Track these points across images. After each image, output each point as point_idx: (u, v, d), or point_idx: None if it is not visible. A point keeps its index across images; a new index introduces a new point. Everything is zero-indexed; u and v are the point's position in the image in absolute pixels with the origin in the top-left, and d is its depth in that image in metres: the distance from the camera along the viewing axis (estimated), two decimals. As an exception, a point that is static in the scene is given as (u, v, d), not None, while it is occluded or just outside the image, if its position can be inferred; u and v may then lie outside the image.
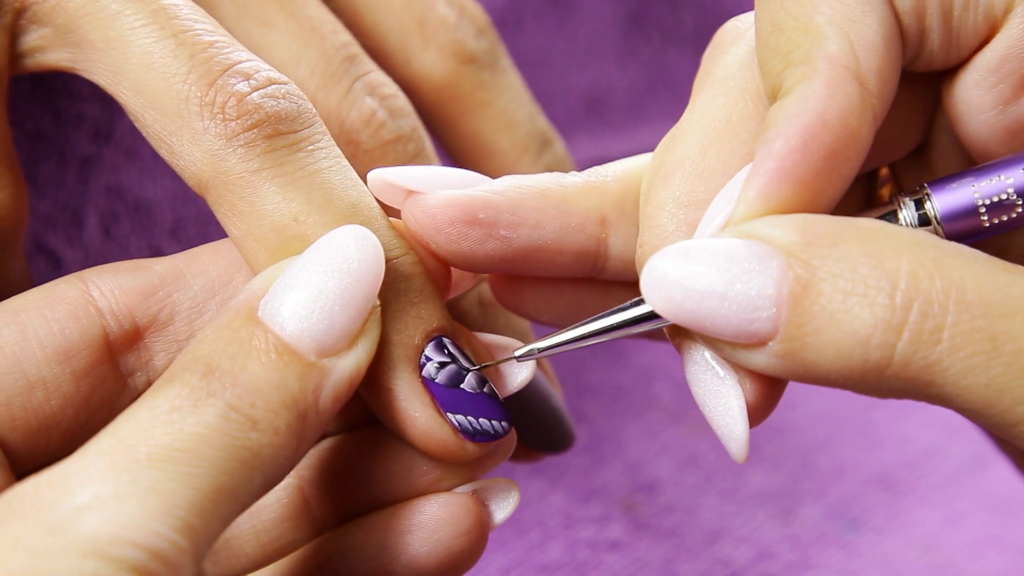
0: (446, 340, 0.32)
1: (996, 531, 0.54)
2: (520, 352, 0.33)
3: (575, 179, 0.34)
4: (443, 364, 0.31)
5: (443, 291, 0.33)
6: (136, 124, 0.33)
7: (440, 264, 0.33)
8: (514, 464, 0.36)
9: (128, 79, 0.32)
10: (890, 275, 0.27)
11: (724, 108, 0.32)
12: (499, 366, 0.34)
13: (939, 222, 0.32)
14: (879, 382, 0.28)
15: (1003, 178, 0.31)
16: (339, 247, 0.30)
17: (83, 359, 0.31)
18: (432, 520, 0.31)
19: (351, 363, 0.29)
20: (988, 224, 0.32)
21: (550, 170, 0.45)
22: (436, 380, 0.31)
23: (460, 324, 0.33)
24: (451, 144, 0.45)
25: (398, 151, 0.39)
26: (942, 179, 0.32)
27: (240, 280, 0.33)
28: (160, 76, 0.31)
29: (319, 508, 0.34)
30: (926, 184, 0.32)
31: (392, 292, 0.31)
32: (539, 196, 0.33)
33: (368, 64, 0.40)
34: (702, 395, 0.31)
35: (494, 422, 0.32)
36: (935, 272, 0.27)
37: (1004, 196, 0.31)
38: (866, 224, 0.29)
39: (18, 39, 0.34)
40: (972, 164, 0.34)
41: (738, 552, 0.50)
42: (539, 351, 0.32)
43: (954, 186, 0.32)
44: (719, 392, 0.31)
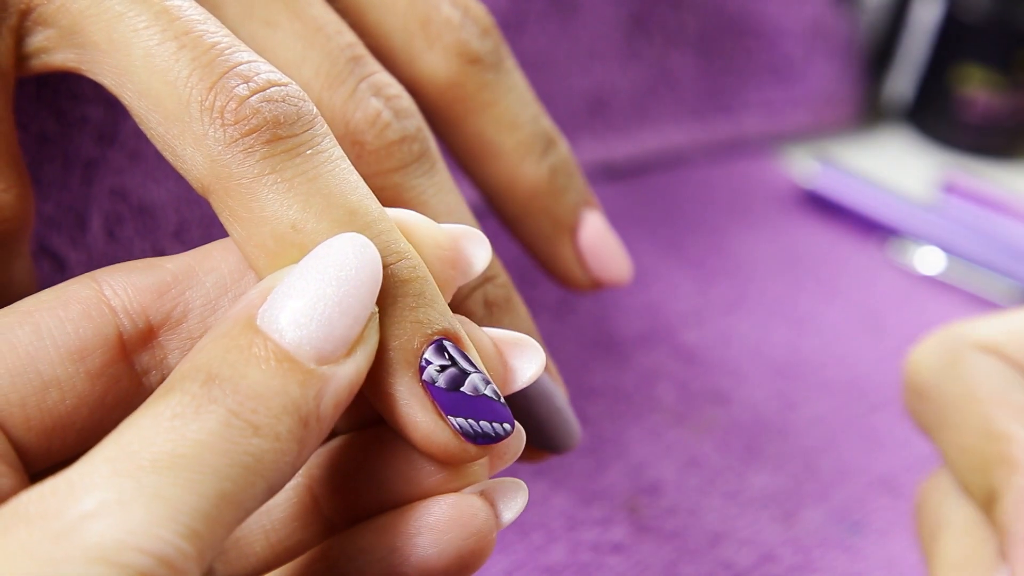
0: (447, 343, 0.31)
1: (999, 534, 0.54)
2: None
3: None
4: (444, 367, 0.31)
5: (446, 293, 0.33)
6: (140, 126, 0.32)
7: (442, 267, 0.33)
8: (519, 465, 0.36)
9: (132, 81, 0.32)
10: None
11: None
12: (507, 362, 0.33)
13: None
14: None
15: None
16: (337, 255, 0.30)
17: (97, 358, 0.31)
18: (441, 521, 0.31)
19: (350, 370, 0.29)
20: None
21: (555, 170, 0.45)
22: (437, 384, 0.31)
23: (469, 320, 0.33)
24: (455, 144, 0.45)
25: (403, 151, 0.39)
26: None
27: (251, 277, 0.33)
28: (162, 78, 0.31)
29: (329, 507, 0.34)
30: None
31: (391, 297, 0.31)
32: None
33: (373, 65, 0.40)
34: None
35: (495, 424, 0.32)
36: None
37: None
38: None
39: (23, 40, 0.34)
40: None
41: (741, 555, 0.50)
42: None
43: None
44: None
